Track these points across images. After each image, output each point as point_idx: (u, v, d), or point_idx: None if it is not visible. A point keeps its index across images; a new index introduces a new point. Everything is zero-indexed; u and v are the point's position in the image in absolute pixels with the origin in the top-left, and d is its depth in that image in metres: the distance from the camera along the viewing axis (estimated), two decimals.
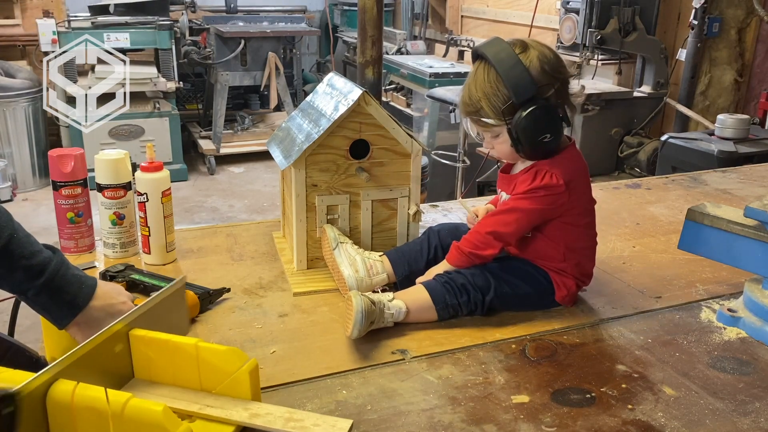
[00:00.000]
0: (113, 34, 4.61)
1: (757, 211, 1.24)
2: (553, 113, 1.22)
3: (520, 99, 1.19)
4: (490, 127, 1.26)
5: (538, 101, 1.20)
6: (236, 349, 0.94)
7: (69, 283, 1.00)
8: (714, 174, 2.32)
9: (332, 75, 1.56)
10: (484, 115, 1.24)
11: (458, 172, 3.76)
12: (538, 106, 1.20)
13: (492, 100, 1.22)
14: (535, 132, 1.21)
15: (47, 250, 1.01)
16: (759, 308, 1.26)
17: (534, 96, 1.20)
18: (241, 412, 0.91)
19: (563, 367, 1.13)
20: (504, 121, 1.22)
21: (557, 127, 1.23)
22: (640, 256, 1.59)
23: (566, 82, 1.26)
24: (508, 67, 1.19)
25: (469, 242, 1.29)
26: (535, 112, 1.20)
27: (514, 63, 1.19)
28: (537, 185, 1.24)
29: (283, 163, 1.41)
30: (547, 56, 1.22)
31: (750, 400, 1.06)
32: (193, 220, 4.30)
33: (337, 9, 6.81)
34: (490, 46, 1.23)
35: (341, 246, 1.36)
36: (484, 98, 1.23)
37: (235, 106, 6.04)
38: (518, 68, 1.19)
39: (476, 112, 1.25)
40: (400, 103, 5.28)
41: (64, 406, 0.82)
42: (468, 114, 1.28)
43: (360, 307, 1.14)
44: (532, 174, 1.26)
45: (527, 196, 1.25)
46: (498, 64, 1.20)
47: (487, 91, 1.22)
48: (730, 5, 3.66)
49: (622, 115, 3.72)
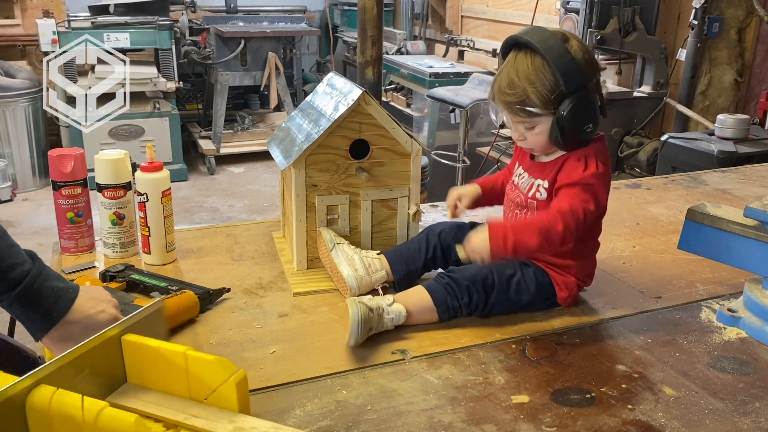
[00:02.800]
0: (113, 34, 4.61)
1: (757, 211, 1.24)
2: (594, 103, 1.22)
3: (570, 88, 1.19)
4: (531, 117, 1.22)
5: (584, 90, 1.20)
6: (224, 360, 0.90)
7: (43, 297, 0.98)
8: (714, 174, 2.32)
9: (332, 75, 1.56)
10: (529, 103, 1.21)
11: (458, 172, 3.76)
12: (585, 95, 1.20)
13: (539, 89, 1.19)
14: (581, 121, 1.20)
15: (28, 261, 0.98)
16: (759, 308, 1.26)
17: (581, 85, 1.19)
18: (225, 425, 0.89)
19: (563, 367, 1.13)
20: (551, 109, 1.21)
21: (597, 117, 1.23)
22: (640, 256, 1.59)
23: (600, 74, 1.27)
24: (558, 55, 1.18)
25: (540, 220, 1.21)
26: (582, 101, 1.19)
27: (563, 51, 1.18)
28: (599, 171, 1.22)
29: (283, 163, 1.41)
30: (585, 46, 1.23)
31: (750, 400, 1.06)
32: (193, 220, 4.30)
33: (337, 9, 6.81)
34: (535, 33, 1.21)
35: (338, 247, 1.36)
36: (530, 86, 1.20)
37: (235, 106, 6.04)
38: (567, 57, 1.18)
39: (520, 101, 1.22)
40: (400, 103, 5.28)
41: (42, 413, 0.82)
42: (508, 103, 1.23)
43: (356, 317, 1.13)
44: (583, 160, 1.22)
45: (592, 180, 1.21)
46: (547, 52, 1.18)
47: (533, 79, 1.20)
48: (730, 5, 3.66)
49: (622, 115, 3.72)
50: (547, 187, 1.27)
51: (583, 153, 1.24)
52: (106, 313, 1.03)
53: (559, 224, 1.18)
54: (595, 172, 1.22)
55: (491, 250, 1.17)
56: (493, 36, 5.33)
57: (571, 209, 1.19)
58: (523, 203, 1.32)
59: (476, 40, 5.38)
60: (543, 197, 1.28)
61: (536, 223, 1.20)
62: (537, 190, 1.29)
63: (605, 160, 1.26)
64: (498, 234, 1.18)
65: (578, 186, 1.21)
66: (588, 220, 1.21)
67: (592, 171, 1.21)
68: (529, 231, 1.19)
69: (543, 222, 1.19)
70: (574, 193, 1.21)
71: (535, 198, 1.29)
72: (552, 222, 1.19)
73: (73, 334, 0.99)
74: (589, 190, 1.21)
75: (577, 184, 1.21)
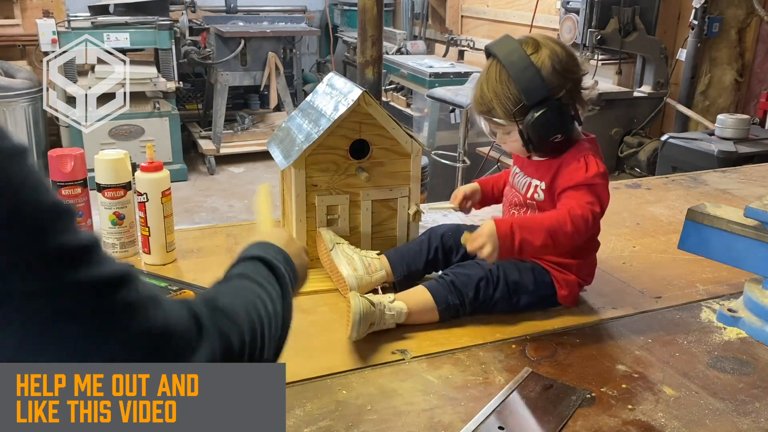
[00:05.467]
0: (113, 34, 4.62)
1: (757, 211, 1.24)
2: (564, 113, 1.22)
3: (531, 101, 1.19)
4: (500, 126, 1.26)
5: (549, 102, 1.19)
6: None
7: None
8: (714, 174, 2.32)
9: (332, 75, 1.56)
10: (495, 115, 1.24)
11: (458, 172, 3.76)
12: (549, 108, 1.19)
13: (503, 101, 1.21)
14: (546, 133, 1.21)
15: None
16: (759, 308, 1.26)
17: (545, 97, 1.19)
18: None
19: (563, 367, 1.13)
20: (515, 121, 1.22)
21: (568, 126, 1.23)
22: (640, 256, 1.59)
23: (578, 81, 1.24)
24: (519, 69, 1.18)
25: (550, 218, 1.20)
26: (546, 114, 1.19)
27: (525, 65, 1.18)
28: (600, 171, 1.22)
29: (282, 163, 1.40)
30: (559, 55, 1.21)
31: (750, 400, 1.06)
32: (193, 220, 4.30)
33: (337, 9, 6.81)
34: (502, 45, 1.22)
35: (338, 247, 1.36)
36: (495, 99, 1.22)
37: (235, 106, 6.04)
38: (529, 71, 1.18)
39: (488, 111, 1.25)
40: (400, 103, 5.28)
41: None
42: (480, 113, 1.28)
43: (358, 309, 1.13)
44: (582, 161, 1.23)
45: (596, 180, 1.21)
46: (509, 66, 1.19)
47: (498, 91, 1.21)
48: (730, 5, 3.66)
49: (622, 115, 3.72)
50: (544, 189, 1.27)
51: (580, 153, 1.24)
52: None
53: (568, 226, 1.18)
54: (597, 173, 1.22)
55: (498, 248, 1.16)
56: (493, 36, 5.31)
57: (581, 212, 1.19)
58: (520, 202, 1.33)
59: (476, 40, 5.38)
60: (541, 198, 1.28)
61: (545, 224, 1.19)
62: (534, 191, 1.29)
63: (602, 159, 1.26)
64: (506, 232, 1.16)
65: (583, 187, 1.21)
66: (596, 222, 1.22)
67: (594, 171, 1.22)
68: (537, 231, 1.18)
69: (552, 223, 1.19)
70: (581, 195, 1.21)
71: (533, 199, 1.30)
72: (561, 223, 1.18)
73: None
74: (594, 192, 1.21)
75: (582, 186, 1.21)
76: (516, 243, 1.16)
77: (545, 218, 1.20)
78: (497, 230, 1.15)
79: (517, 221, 1.20)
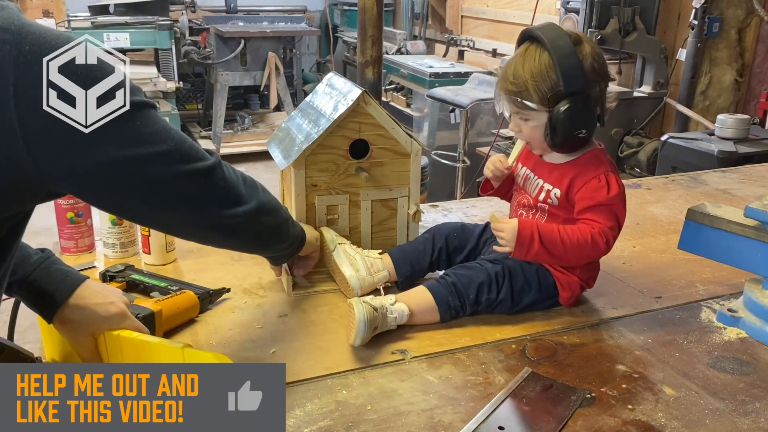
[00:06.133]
0: (113, 34, 4.61)
1: (757, 211, 1.24)
2: (592, 110, 1.22)
3: (569, 89, 1.18)
4: (527, 111, 1.23)
5: (583, 95, 1.20)
6: (221, 356, 0.89)
7: (51, 277, 1.00)
8: (714, 174, 2.32)
9: (332, 75, 1.56)
10: (526, 97, 1.22)
11: (458, 172, 3.76)
12: (582, 101, 1.20)
13: (539, 84, 1.20)
14: (573, 125, 1.20)
15: (39, 252, 1.02)
16: (759, 308, 1.26)
17: (581, 89, 1.19)
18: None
19: (563, 367, 1.13)
20: (547, 107, 1.21)
21: (593, 124, 1.23)
22: (640, 256, 1.59)
23: (607, 84, 1.26)
24: (564, 54, 1.18)
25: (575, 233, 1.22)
26: (579, 105, 1.19)
27: (570, 52, 1.18)
28: (621, 191, 1.24)
29: (282, 163, 1.40)
30: (598, 54, 1.23)
31: (750, 400, 1.06)
32: None
33: (337, 9, 6.81)
34: (548, 30, 1.21)
35: (339, 247, 1.36)
36: (531, 80, 1.20)
37: (235, 106, 6.04)
38: (573, 58, 1.18)
39: (519, 92, 1.22)
40: (400, 103, 5.28)
41: None
42: (508, 92, 1.24)
43: (362, 316, 1.13)
44: (603, 179, 1.23)
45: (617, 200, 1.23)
46: (554, 49, 1.18)
47: (536, 73, 1.20)
48: (730, 5, 3.65)
49: (622, 115, 3.72)
50: (559, 196, 1.27)
51: (599, 168, 1.25)
52: (116, 306, 1.03)
53: (587, 250, 1.22)
54: (617, 193, 1.23)
55: (514, 249, 1.21)
56: (493, 36, 5.33)
57: (603, 238, 1.22)
58: (530, 204, 1.32)
59: (476, 40, 5.38)
60: (555, 203, 1.28)
61: (565, 239, 1.21)
62: (548, 196, 1.29)
63: (618, 174, 1.27)
64: (525, 238, 1.20)
65: (605, 210, 1.23)
66: (611, 244, 1.24)
67: (615, 192, 1.23)
68: (556, 245, 1.21)
69: (572, 241, 1.21)
70: (603, 219, 1.23)
71: (546, 202, 1.29)
72: (581, 245, 1.21)
73: (72, 321, 1.00)
74: (614, 214, 1.23)
75: (604, 208, 1.23)
76: (532, 252, 1.21)
77: (567, 237, 1.22)
78: (518, 234, 1.20)
79: (540, 231, 1.21)
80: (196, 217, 0.94)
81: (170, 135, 0.87)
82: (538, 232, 1.21)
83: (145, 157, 0.84)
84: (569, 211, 1.26)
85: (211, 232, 0.99)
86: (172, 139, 0.87)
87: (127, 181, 0.84)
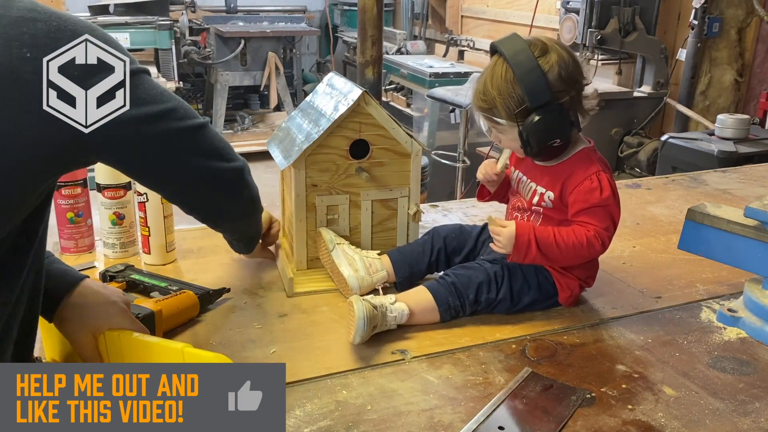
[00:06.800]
0: (113, 34, 4.59)
1: (757, 211, 1.24)
2: (565, 119, 1.21)
3: (535, 104, 1.18)
4: (500, 125, 1.24)
5: (551, 106, 1.19)
6: (222, 356, 0.89)
7: (50, 276, 1.00)
8: (714, 174, 2.32)
9: (332, 75, 1.56)
10: (496, 114, 1.22)
11: (458, 172, 3.76)
12: (551, 112, 1.18)
13: (506, 101, 1.20)
14: (545, 137, 1.20)
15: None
16: (759, 308, 1.26)
17: (548, 101, 1.18)
18: None
19: (563, 367, 1.13)
20: (516, 122, 1.21)
21: (567, 132, 1.23)
22: (640, 256, 1.59)
23: (581, 89, 1.24)
24: (526, 70, 1.17)
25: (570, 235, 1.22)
26: (547, 118, 1.18)
27: (531, 67, 1.17)
28: (614, 191, 1.24)
29: (282, 163, 1.41)
30: (566, 62, 1.20)
31: (750, 400, 1.06)
32: (193, 220, 4.29)
33: (337, 9, 6.82)
34: (509, 44, 1.21)
35: (338, 247, 1.36)
36: (498, 97, 1.20)
37: (235, 106, 6.04)
38: (535, 73, 1.17)
39: (489, 109, 1.23)
40: (400, 103, 5.29)
41: None
42: (480, 109, 1.26)
43: (362, 314, 1.13)
44: (596, 180, 1.23)
45: (610, 201, 1.23)
46: (516, 66, 1.18)
47: (503, 90, 1.20)
48: (730, 5, 3.66)
49: (622, 115, 3.72)
50: (553, 199, 1.27)
51: (590, 169, 1.24)
52: (116, 306, 1.03)
53: (583, 251, 1.22)
54: (611, 194, 1.23)
55: (511, 253, 1.22)
56: (493, 36, 5.33)
57: (598, 240, 1.22)
58: (525, 207, 1.32)
59: (476, 40, 5.38)
60: (549, 206, 1.28)
61: (561, 243, 1.21)
62: (541, 199, 1.29)
63: (611, 173, 1.27)
64: (522, 244, 1.21)
65: (599, 211, 1.22)
66: (607, 244, 1.24)
67: (608, 193, 1.23)
68: (552, 249, 1.22)
69: (568, 244, 1.21)
70: (597, 221, 1.22)
71: (540, 205, 1.29)
72: (577, 246, 1.21)
73: (81, 317, 1.00)
74: (609, 215, 1.23)
75: (598, 209, 1.22)
76: (530, 257, 1.22)
77: (562, 240, 1.22)
78: (516, 240, 1.21)
79: (537, 236, 1.22)
80: (200, 170, 1.03)
81: (171, 95, 0.99)
82: (534, 237, 1.21)
83: (157, 114, 0.95)
84: (564, 212, 1.27)
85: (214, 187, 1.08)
86: (174, 97, 0.99)
87: (145, 139, 0.95)
